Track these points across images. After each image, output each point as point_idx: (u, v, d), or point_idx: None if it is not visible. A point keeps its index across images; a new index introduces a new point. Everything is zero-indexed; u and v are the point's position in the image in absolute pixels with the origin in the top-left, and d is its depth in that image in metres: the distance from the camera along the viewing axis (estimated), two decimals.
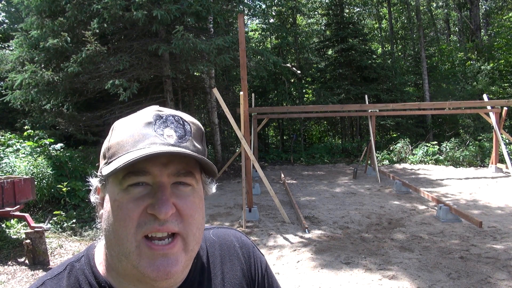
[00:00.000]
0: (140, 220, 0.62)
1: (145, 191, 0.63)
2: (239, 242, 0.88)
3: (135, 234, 0.62)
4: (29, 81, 8.35)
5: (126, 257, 0.63)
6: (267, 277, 0.88)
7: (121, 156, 0.63)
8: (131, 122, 0.67)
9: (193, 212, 0.66)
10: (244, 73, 6.38)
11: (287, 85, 17.46)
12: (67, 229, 5.87)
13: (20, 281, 4.15)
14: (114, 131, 0.68)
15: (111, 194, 0.65)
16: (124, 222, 0.62)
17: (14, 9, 14.24)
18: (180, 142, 0.65)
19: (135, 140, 0.64)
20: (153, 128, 0.65)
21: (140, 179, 0.63)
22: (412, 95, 17.51)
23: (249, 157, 6.42)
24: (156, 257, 0.62)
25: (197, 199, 0.68)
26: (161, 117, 0.67)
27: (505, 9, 19.80)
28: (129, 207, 0.62)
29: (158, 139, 0.64)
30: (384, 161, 13.61)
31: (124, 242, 0.62)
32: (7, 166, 7.00)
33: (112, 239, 0.64)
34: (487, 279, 3.86)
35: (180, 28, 8.26)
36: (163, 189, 0.63)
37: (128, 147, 0.63)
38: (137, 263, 0.62)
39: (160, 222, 0.62)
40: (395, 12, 21.17)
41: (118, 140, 0.65)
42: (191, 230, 0.66)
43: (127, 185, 0.63)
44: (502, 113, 10.52)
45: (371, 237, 5.36)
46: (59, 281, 0.69)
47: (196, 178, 0.68)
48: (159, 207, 0.61)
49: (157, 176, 0.63)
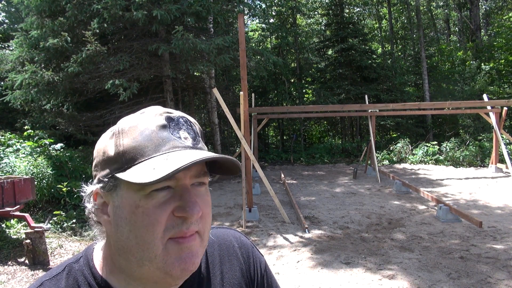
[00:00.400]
0: (168, 224, 0.62)
1: (169, 195, 0.63)
2: (238, 242, 0.88)
3: (162, 238, 0.62)
4: (29, 81, 8.35)
5: (150, 261, 0.62)
6: (266, 277, 0.88)
7: (145, 161, 0.62)
8: (142, 124, 0.65)
9: (208, 210, 0.68)
10: (244, 73, 6.38)
11: (287, 85, 17.46)
12: (67, 229, 5.87)
13: (20, 281, 4.15)
14: (124, 134, 0.65)
15: (128, 200, 0.63)
16: (152, 227, 0.62)
17: (14, 9, 14.24)
18: (195, 143, 0.66)
19: (155, 144, 0.63)
20: (169, 131, 0.65)
21: (167, 183, 0.63)
22: (412, 95, 17.51)
23: (249, 157, 6.42)
24: (183, 250, 0.63)
25: (209, 197, 0.70)
26: (172, 119, 0.67)
27: (505, 9, 19.80)
28: (156, 212, 0.62)
29: (178, 142, 0.64)
30: (384, 161, 13.61)
31: (150, 247, 0.62)
32: (7, 166, 7.00)
33: (133, 245, 0.63)
34: (487, 279, 3.86)
35: (180, 28, 8.26)
36: (189, 191, 0.64)
37: (150, 152, 0.63)
38: (163, 264, 0.62)
39: (187, 225, 0.63)
40: (395, 12, 21.17)
41: (134, 144, 0.64)
42: (207, 227, 0.68)
43: (150, 190, 0.62)
44: (502, 113, 10.52)
45: (371, 237, 5.36)
46: (57, 282, 0.69)
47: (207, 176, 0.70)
48: (191, 209, 0.62)
49: (182, 179, 0.63)
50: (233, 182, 10.38)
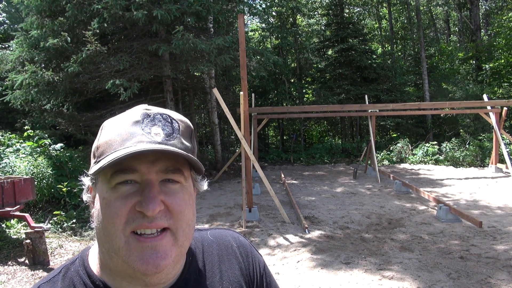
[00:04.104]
0: (129, 217, 0.63)
1: (133, 189, 0.64)
2: (236, 242, 0.89)
3: (124, 230, 0.63)
4: (29, 81, 8.35)
5: (116, 253, 0.64)
6: (265, 276, 0.88)
7: (109, 155, 0.64)
8: (119, 121, 0.68)
9: (182, 208, 0.67)
10: (244, 73, 6.38)
11: (287, 85, 17.46)
12: (67, 229, 5.87)
13: (20, 281, 4.15)
14: (103, 130, 0.69)
15: (100, 193, 0.66)
16: (113, 219, 0.63)
17: (14, 10, 14.24)
18: (167, 140, 0.66)
19: (122, 139, 0.65)
20: (141, 126, 0.66)
21: (128, 177, 0.64)
22: (412, 95, 17.52)
23: (249, 157, 6.42)
24: (144, 249, 0.63)
25: (186, 196, 0.69)
26: (149, 115, 0.68)
27: (505, 9, 19.78)
28: (117, 204, 0.63)
29: (145, 137, 0.64)
30: (384, 161, 13.61)
31: (113, 239, 0.63)
32: (7, 166, 7.00)
33: (102, 236, 0.65)
34: (487, 279, 3.86)
35: (180, 28, 8.25)
36: (150, 187, 0.64)
37: (116, 146, 0.64)
38: (127, 258, 0.63)
39: (149, 220, 0.63)
40: (395, 12, 21.18)
41: (107, 139, 0.66)
42: (181, 225, 0.67)
43: (115, 183, 0.64)
44: (502, 113, 10.52)
45: (371, 237, 5.36)
46: (54, 284, 0.71)
47: (185, 175, 0.69)
48: (146, 204, 0.62)
49: (145, 173, 0.64)
50: (233, 182, 10.38)
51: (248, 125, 6.95)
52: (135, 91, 8.51)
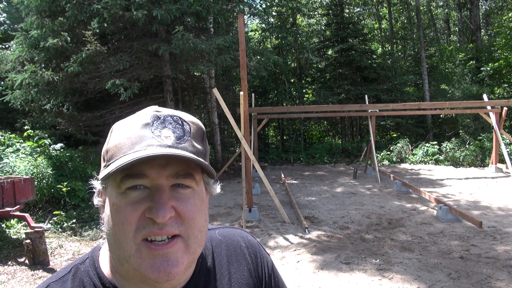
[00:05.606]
0: (139, 224, 0.61)
1: (143, 195, 0.62)
2: (245, 242, 0.87)
3: (134, 237, 0.61)
4: (29, 81, 8.36)
5: (126, 260, 0.62)
6: (274, 276, 0.88)
7: (118, 159, 0.62)
8: (129, 123, 0.66)
9: (194, 214, 0.65)
10: (244, 73, 6.38)
11: (287, 85, 17.46)
12: (67, 229, 5.87)
13: (20, 281, 4.15)
14: (113, 133, 0.67)
15: (110, 198, 0.64)
16: (123, 226, 0.61)
17: (14, 9, 14.24)
18: (178, 143, 0.63)
19: (132, 142, 0.63)
20: (151, 129, 0.64)
21: (138, 182, 0.62)
22: (412, 95, 17.52)
23: (249, 157, 6.42)
24: (156, 257, 0.61)
25: (198, 201, 0.67)
26: (159, 117, 0.66)
27: (505, 9, 19.78)
28: (127, 211, 0.61)
29: (155, 140, 0.62)
30: (384, 161, 13.61)
31: (124, 246, 0.62)
32: (7, 166, 7.00)
33: (112, 243, 0.64)
34: (487, 279, 3.85)
35: (180, 28, 8.25)
36: (161, 192, 0.62)
37: (126, 150, 0.62)
38: (138, 266, 0.61)
39: (159, 226, 0.61)
40: (395, 12, 21.18)
41: (116, 142, 0.64)
42: (192, 232, 0.65)
43: (125, 188, 0.62)
44: (502, 113, 10.51)
45: (371, 237, 5.36)
46: (63, 284, 0.69)
47: (196, 179, 0.66)
48: (156, 210, 0.60)
49: (155, 178, 0.62)
50: (233, 182, 10.38)
51: (248, 125, 6.95)
52: (135, 91, 8.51)
